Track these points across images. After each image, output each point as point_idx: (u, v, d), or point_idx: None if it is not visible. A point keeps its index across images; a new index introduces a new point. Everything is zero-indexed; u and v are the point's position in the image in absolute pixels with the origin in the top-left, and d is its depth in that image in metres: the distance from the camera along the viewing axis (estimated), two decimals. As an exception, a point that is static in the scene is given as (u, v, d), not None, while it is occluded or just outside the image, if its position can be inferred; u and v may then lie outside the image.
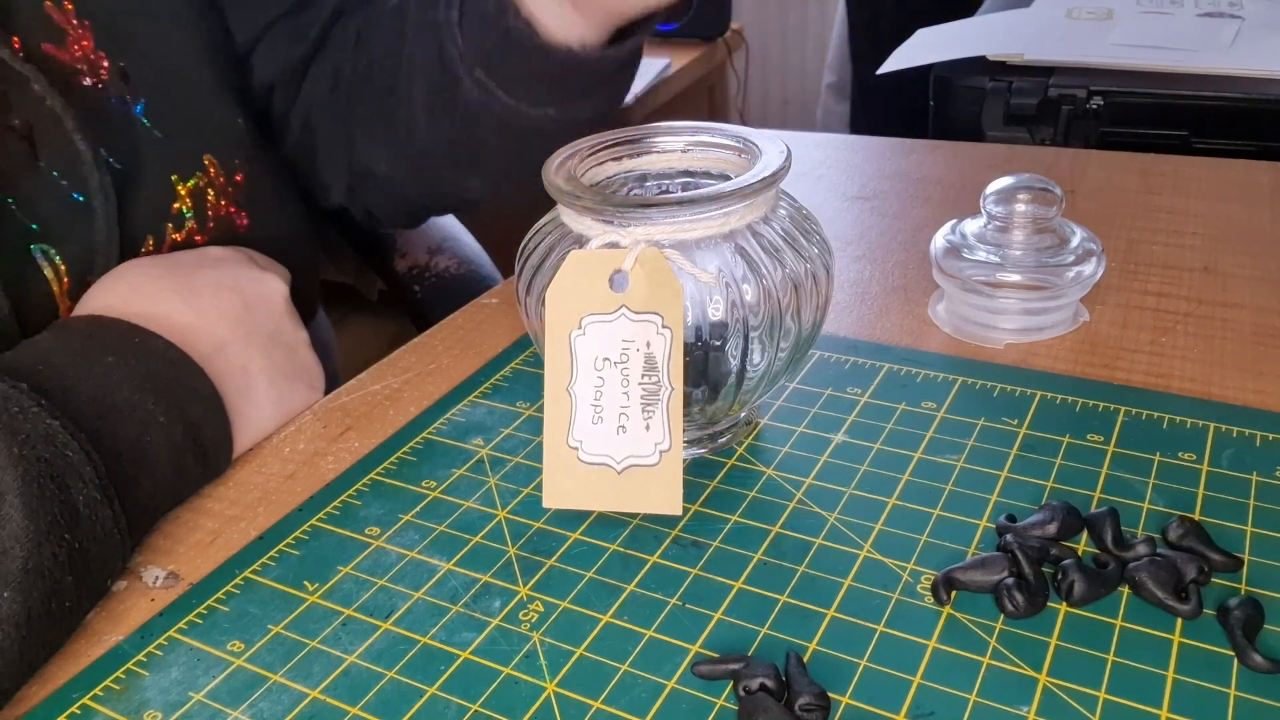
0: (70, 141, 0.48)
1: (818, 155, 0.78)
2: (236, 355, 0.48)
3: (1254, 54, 0.83)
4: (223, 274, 0.50)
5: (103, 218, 0.49)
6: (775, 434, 0.47)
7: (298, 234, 0.63)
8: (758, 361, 0.42)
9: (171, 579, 0.41)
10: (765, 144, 0.43)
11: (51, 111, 0.48)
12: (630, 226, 0.40)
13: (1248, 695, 0.33)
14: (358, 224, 0.73)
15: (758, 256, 0.41)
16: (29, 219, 0.48)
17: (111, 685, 0.36)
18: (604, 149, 0.45)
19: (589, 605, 0.38)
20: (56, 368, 0.41)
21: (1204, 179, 0.70)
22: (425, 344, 0.57)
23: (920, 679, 0.34)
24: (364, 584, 0.40)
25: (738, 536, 0.41)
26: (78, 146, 0.48)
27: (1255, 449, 0.43)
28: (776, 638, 0.36)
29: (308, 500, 0.45)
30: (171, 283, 0.48)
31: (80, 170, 0.49)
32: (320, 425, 0.51)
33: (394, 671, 0.36)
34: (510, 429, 0.49)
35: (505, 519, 0.43)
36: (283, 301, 0.52)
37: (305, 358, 0.52)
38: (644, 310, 0.40)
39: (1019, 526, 0.39)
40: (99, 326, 0.44)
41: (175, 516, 0.45)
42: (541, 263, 0.42)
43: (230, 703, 0.35)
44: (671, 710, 0.34)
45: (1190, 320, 0.53)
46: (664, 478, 0.40)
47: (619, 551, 0.41)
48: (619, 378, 0.40)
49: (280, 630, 0.38)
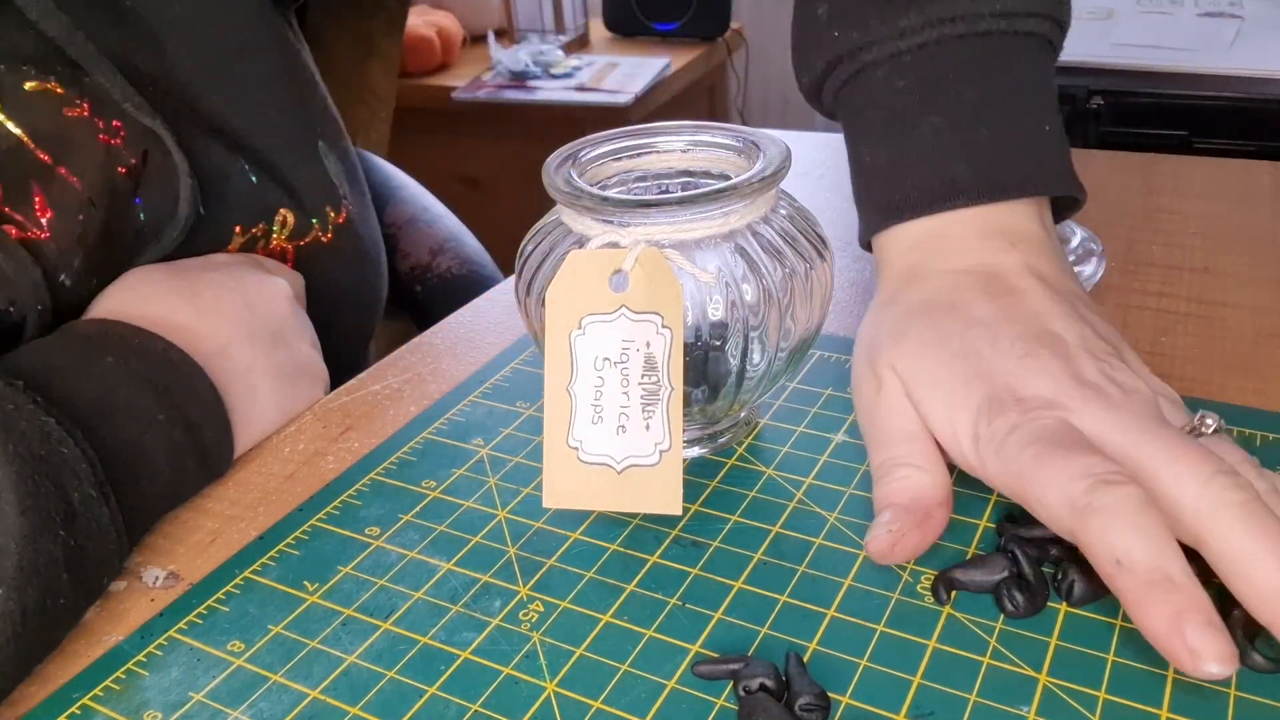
0: (175, 189, 0.50)
1: (818, 155, 0.77)
2: (239, 356, 0.48)
3: (1254, 54, 0.83)
4: (226, 275, 0.50)
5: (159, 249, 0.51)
6: (775, 434, 0.47)
7: (359, 284, 0.63)
8: (758, 361, 0.42)
9: (171, 579, 0.41)
10: (765, 144, 0.43)
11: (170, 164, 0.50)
12: (630, 226, 0.40)
13: (1248, 695, 0.32)
14: None
15: (758, 256, 0.41)
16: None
17: (111, 685, 0.36)
18: (604, 149, 0.45)
19: (589, 605, 0.38)
20: (56, 368, 0.41)
21: (1204, 179, 0.70)
22: (425, 344, 0.57)
23: (920, 679, 0.34)
24: (364, 584, 0.40)
25: (738, 536, 0.41)
26: (180, 194, 0.50)
27: (1255, 449, 0.43)
28: (776, 638, 0.36)
29: (308, 500, 0.45)
30: (174, 285, 0.48)
31: (171, 212, 0.50)
32: (320, 425, 0.51)
33: (394, 671, 0.36)
34: (510, 429, 0.49)
35: (505, 519, 0.43)
36: (287, 303, 0.52)
37: (308, 359, 0.52)
38: (644, 310, 0.40)
39: (1019, 526, 0.39)
40: (100, 329, 0.44)
41: (175, 516, 0.45)
42: (541, 263, 0.42)
43: (230, 703, 0.35)
44: (671, 710, 0.34)
45: (1190, 320, 0.53)
46: (664, 478, 0.40)
47: (619, 551, 0.41)
48: (619, 378, 0.40)
49: (280, 630, 0.38)
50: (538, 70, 1.94)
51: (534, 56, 1.96)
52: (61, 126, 0.46)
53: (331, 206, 0.58)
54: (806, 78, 0.51)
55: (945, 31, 0.45)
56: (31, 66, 0.45)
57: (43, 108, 0.45)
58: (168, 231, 0.50)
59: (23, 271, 0.44)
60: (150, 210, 0.49)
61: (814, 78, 0.50)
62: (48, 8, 0.46)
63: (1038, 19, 0.46)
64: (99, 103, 0.47)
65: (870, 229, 0.47)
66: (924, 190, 0.44)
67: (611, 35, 2.16)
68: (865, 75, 0.47)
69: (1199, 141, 0.81)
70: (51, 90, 0.45)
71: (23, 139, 0.44)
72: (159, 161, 0.49)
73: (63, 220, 0.45)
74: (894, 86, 0.46)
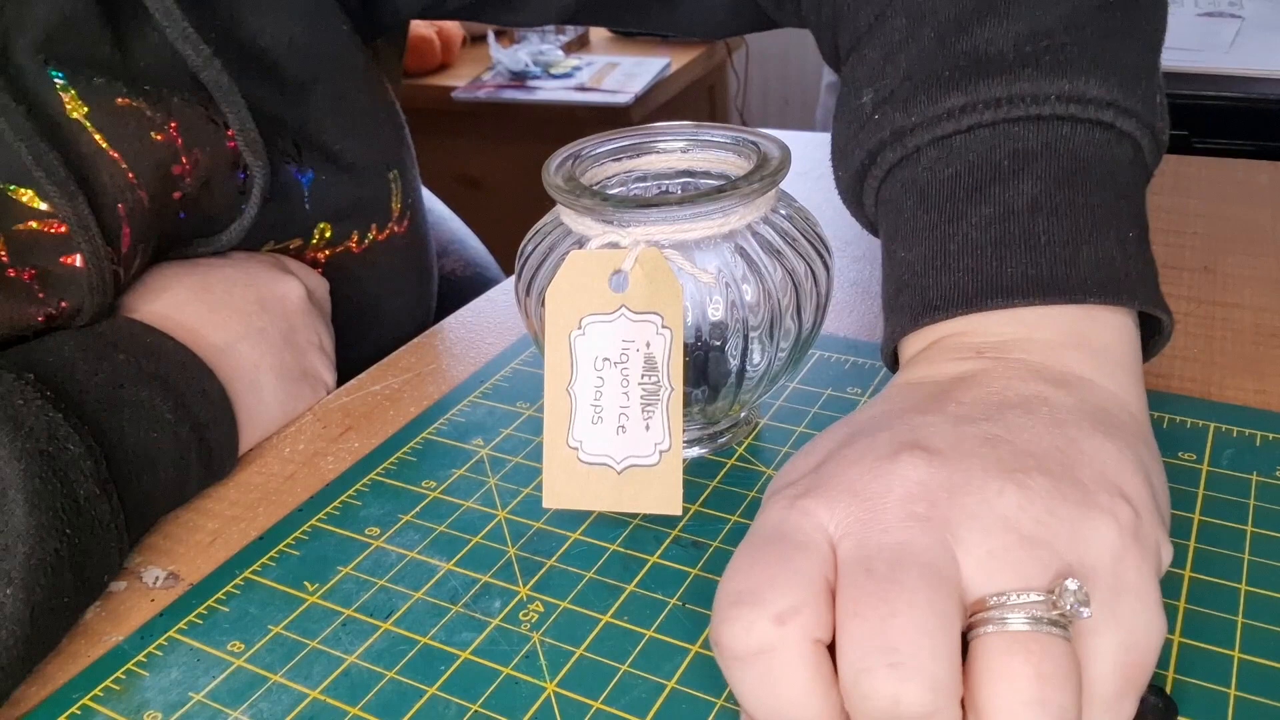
0: (230, 219, 0.50)
1: (818, 155, 0.77)
2: (248, 352, 0.48)
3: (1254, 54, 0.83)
4: (240, 271, 0.50)
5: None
6: (775, 434, 0.47)
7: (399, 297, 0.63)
8: (758, 361, 0.42)
9: (171, 579, 0.41)
10: (765, 144, 0.43)
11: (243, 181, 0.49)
12: (630, 226, 0.40)
13: (1248, 695, 0.32)
14: None
15: (758, 256, 0.41)
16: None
17: (111, 685, 0.36)
18: (604, 149, 0.45)
19: (589, 605, 0.38)
20: (67, 362, 0.41)
21: (1204, 179, 0.70)
22: (425, 344, 0.57)
23: (920, 679, 0.34)
24: (364, 584, 0.40)
25: (738, 536, 0.41)
26: (232, 226, 0.50)
27: (1255, 449, 0.43)
28: (776, 638, 0.36)
29: (308, 500, 0.45)
30: (186, 280, 0.48)
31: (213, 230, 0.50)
32: (320, 425, 0.51)
33: (394, 672, 0.36)
34: (510, 429, 0.49)
35: (505, 519, 0.43)
36: (299, 301, 0.51)
37: (315, 360, 0.52)
38: (644, 310, 0.40)
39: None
40: (113, 326, 0.45)
41: (175, 516, 0.45)
42: (541, 263, 0.42)
43: (230, 703, 0.35)
44: (671, 710, 0.34)
45: (1190, 320, 0.53)
46: (664, 478, 0.40)
47: (619, 551, 0.41)
48: (619, 378, 0.40)
49: (280, 630, 0.38)
50: (538, 70, 1.94)
51: (534, 56, 1.96)
52: (146, 147, 0.45)
53: (376, 223, 0.57)
54: (845, 172, 0.43)
55: (1001, 114, 0.38)
56: (123, 83, 0.45)
57: (129, 126, 0.45)
58: (197, 244, 0.50)
59: (100, 289, 0.44)
60: (192, 224, 0.49)
61: (852, 172, 0.43)
62: (186, 31, 0.45)
63: (1121, 114, 0.38)
64: (186, 127, 0.47)
65: (896, 334, 0.38)
66: (961, 289, 0.36)
67: (611, 35, 2.16)
68: (908, 164, 0.40)
69: (1199, 141, 0.82)
70: (140, 109, 0.45)
71: (110, 153, 0.44)
72: (216, 188, 0.49)
73: (135, 241, 0.45)
74: (939, 175, 0.39)
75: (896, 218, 0.40)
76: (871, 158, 0.41)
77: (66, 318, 0.44)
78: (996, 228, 0.36)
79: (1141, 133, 0.39)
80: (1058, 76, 0.38)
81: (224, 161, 0.49)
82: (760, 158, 0.42)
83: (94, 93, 0.44)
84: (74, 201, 0.42)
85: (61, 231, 0.42)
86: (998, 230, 0.36)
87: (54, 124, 0.42)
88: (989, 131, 0.38)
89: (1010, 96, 0.38)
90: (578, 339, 0.40)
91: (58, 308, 0.43)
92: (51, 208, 0.42)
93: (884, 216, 0.42)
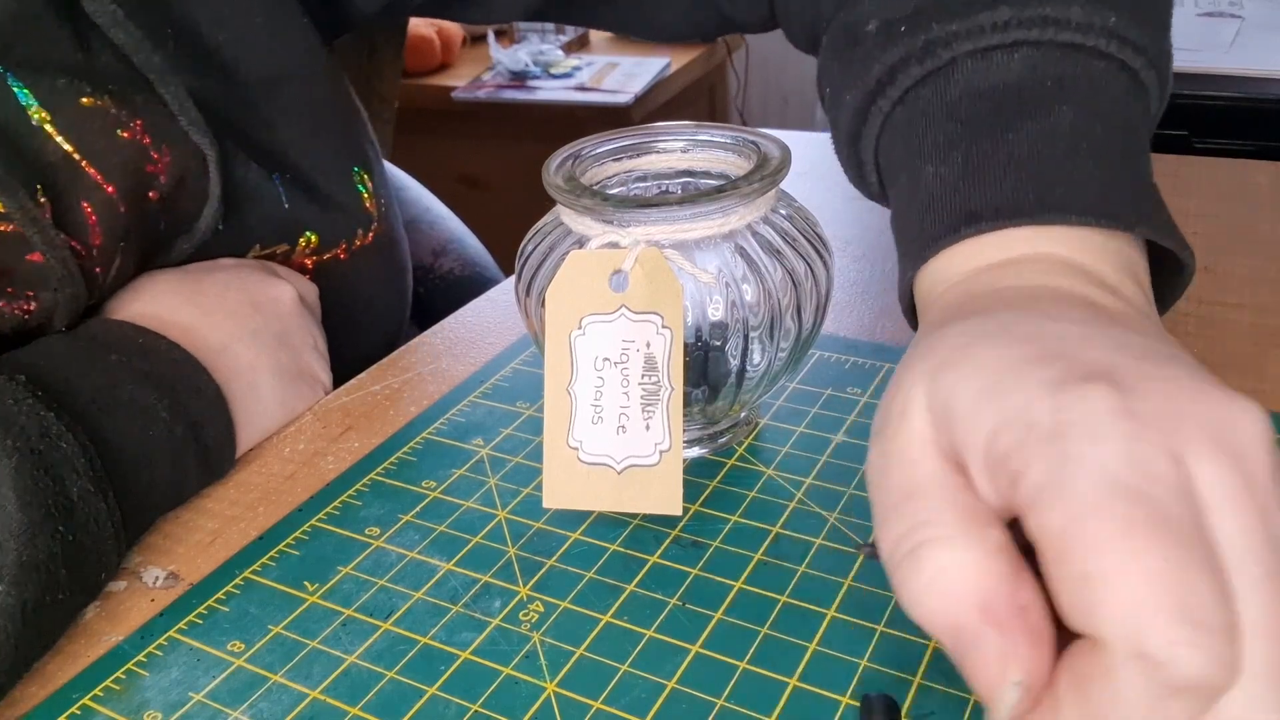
0: (200, 207, 0.50)
1: (818, 155, 0.77)
2: (243, 353, 0.48)
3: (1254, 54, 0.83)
4: (232, 275, 0.50)
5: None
6: (775, 434, 0.47)
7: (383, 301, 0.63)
8: (758, 361, 0.42)
9: (171, 579, 0.41)
10: (765, 144, 0.43)
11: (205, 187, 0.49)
12: (630, 226, 0.40)
13: (1248, 695, 0.32)
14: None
15: (758, 256, 0.41)
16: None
17: (111, 685, 0.36)
18: (604, 149, 0.45)
19: (589, 605, 0.38)
20: (59, 364, 0.41)
21: (1204, 179, 0.70)
22: (425, 344, 0.57)
23: (920, 679, 0.34)
24: (364, 584, 0.40)
25: (738, 536, 0.41)
26: (204, 213, 0.50)
27: (1255, 449, 0.43)
28: (776, 638, 0.36)
29: (308, 500, 0.45)
30: (179, 285, 0.48)
31: (188, 229, 0.50)
32: (320, 425, 0.51)
33: (394, 672, 0.36)
34: (510, 429, 0.49)
35: (505, 519, 0.43)
36: (291, 303, 0.52)
37: (311, 361, 0.52)
38: (644, 310, 0.40)
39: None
40: (104, 327, 0.45)
41: (175, 516, 0.45)
42: (541, 263, 0.42)
43: (230, 703, 0.35)
44: (671, 710, 0.34)
45: (1190, 320, 0.53)
46: (664, 478, 0.40)
47: (619, 551, 0.41)
48: (619, 378, 0.40)
49: (280, 630, 0.38)
50: (538, 70, 1.94)
51: (534, 56, 1.96)
52: (112, 145, 0.45)
53: (361, 228, 0.58)
54: (852, 98, 0.40)
55: (1049, 35, 0.36)
56: (86, 83, 0.45)
57: (94, 125, 0.45)
58: (179, 244, 0.50)
59: (69, 282, 0.44)
60: (169, 222, 0.49)
61: (863, 95, 0.40)
62: (117, 17, 0.45)
63: (1148, 67, 0.37)
64: (151, 123, 0.47)
65: (924, 251, 0.34)
66: (1012, 202, 0.33)
67: (611, 35, 2.16)
68: (936, 79, 0.37)
69: (1199, 141, 0.82)
70: (104, 108, 0.45)
71: (72, 154, 0.44)
72: (191, 185, 0.49)
73: (107, 239, 0.45)
74: (975, 89, 0.36)
75: (921, 136, 0.37)
76: (892, 74, 0.38)
77: (42, 314, 0.44)
78: (1056, 143, 0.34)
79: (1154, 91, 0.39)
80: (1106, 10, 0.36)
81: (195, 159, 0.49)
82: (760, 158, 0.42)
83: (56, 95, 0.44)
84: (16, 198, 0.42)
85: (17, 230, 0.42)
86: (1059, 146, 0.34)
87: (5, 126, 0.42)
88: (1033, 51, 0.36)
89: (1061, 19, 0.36)
90: (578, 339, 0.40)
91: (30, 302, 0.43)
92: (2, 208, 0.42)
93: (900, 140, 0.39)
